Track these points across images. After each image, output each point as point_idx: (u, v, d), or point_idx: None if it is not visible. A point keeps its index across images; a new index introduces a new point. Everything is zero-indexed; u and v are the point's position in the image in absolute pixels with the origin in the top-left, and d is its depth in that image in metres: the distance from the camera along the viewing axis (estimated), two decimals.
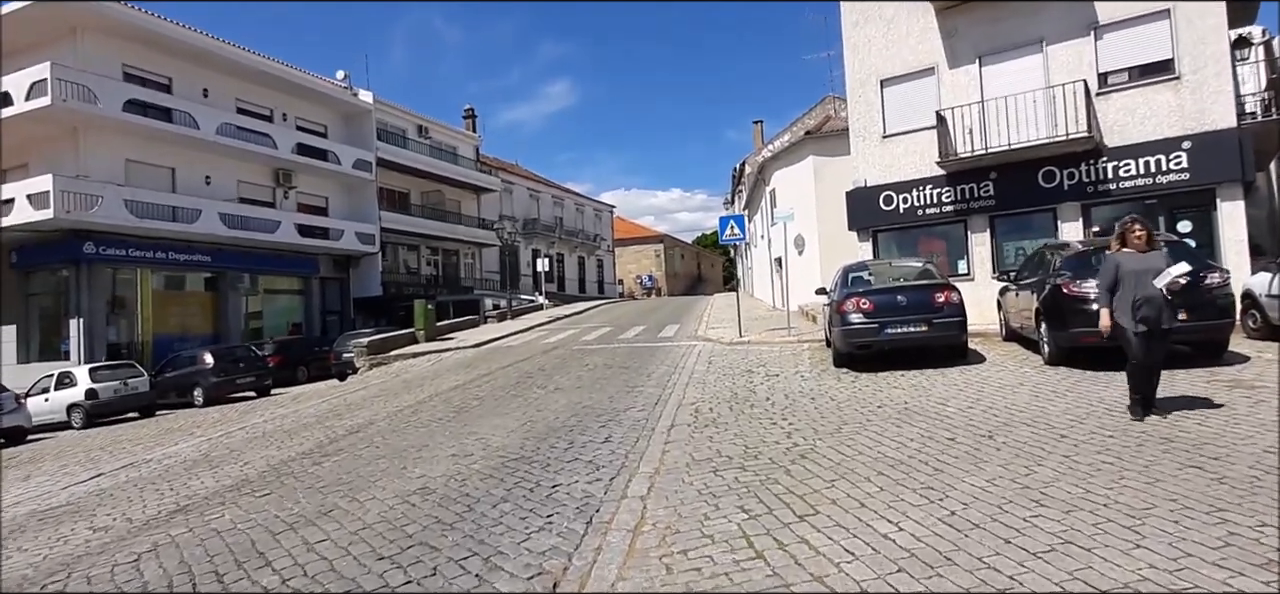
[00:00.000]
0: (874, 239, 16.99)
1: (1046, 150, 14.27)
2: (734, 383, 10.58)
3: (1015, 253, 15.43)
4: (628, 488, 5.65)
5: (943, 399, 8.05)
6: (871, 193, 16.76)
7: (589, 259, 55.60)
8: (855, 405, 8.12)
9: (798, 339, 15.48)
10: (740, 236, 17.52)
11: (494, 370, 15.01)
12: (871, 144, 16.87)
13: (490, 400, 11.03)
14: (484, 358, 17.93)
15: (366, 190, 32.76)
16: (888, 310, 10.16)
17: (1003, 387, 8.47)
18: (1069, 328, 8.93)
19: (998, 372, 9.51)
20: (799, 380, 10.27)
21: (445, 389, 13.02)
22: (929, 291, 10.27)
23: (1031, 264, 11.21)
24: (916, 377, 9.62)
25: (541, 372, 13.92)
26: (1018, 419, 6.79)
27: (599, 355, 15.84)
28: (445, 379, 14.62)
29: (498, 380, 13.36)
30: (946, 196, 15.71)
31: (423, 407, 11.21)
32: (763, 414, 8.10)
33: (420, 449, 7.94)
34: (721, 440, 6.97)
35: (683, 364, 13.31)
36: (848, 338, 10.37)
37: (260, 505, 6.44)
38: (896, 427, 6.89)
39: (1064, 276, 9.15)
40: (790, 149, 25.06)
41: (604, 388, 11.16)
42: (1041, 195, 14.67)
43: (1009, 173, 14.91)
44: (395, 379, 16.23)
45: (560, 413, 9.28)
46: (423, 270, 37.83)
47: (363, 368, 19.80)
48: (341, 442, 9.06)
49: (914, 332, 10.03)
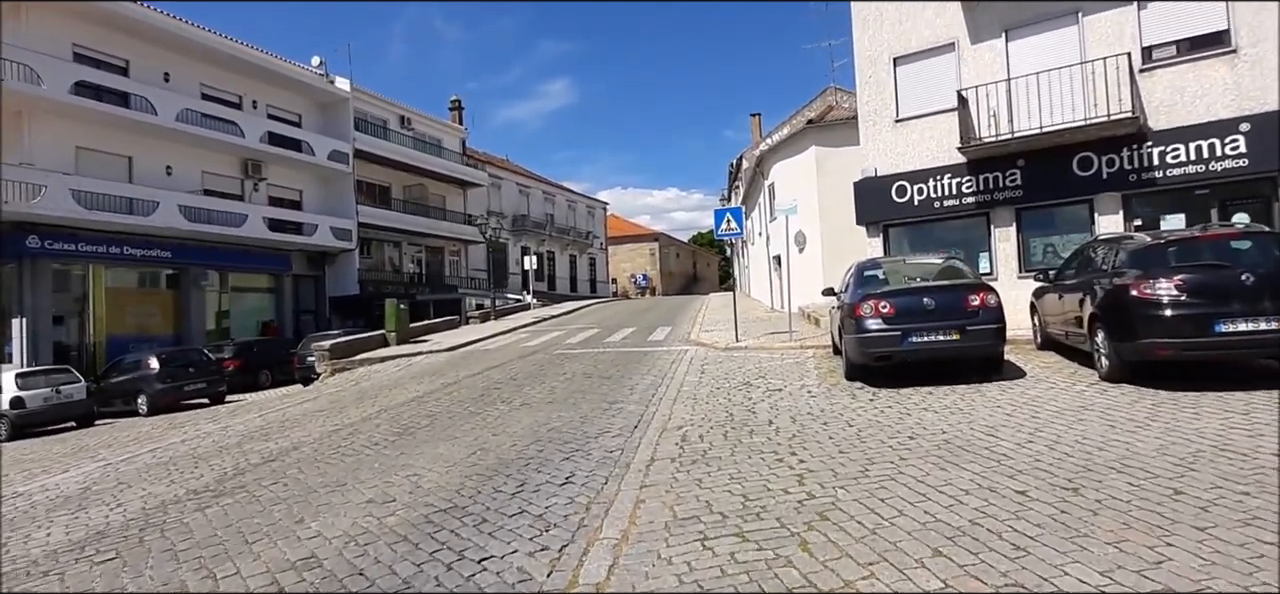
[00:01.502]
0: (885, 234, 15.38)
1: (1083, 134, 12.68)
2: (730, 399, 8.97)
3: (1043, 250, 13.84)
4: (580, 570, 4.03)
5: (990, 427, 6.44)
6: (882, 183, 15.15)
7: (581, 257, 53.91)
8: (880, 434, 6.51)
9: (800, 344, 13.89)
10: (737, 231, 15.91)
11: (461, 379, 13.39)
12: (883, 129, 15.27)
13: (444, 419, 9.40)
14: (455, 364, 16.30)
15: (343, 183, 31.04)
16: (912, 315, 8.54)
17: (1061, 410, 6.86)
18: (1137, 337, 7.32)
19: (1047, 390, 7.90)
20: (806, 397, 8.67)
21: (399, 402, 11.38)
22: (961, 293, 8.66)
23: (1077, 261, 9.61)
24: (948, 394, 8.02)
25: (512, 381, 12.31)
26: (1100, 461, 5.18)
27: (580, 361, 14.23)
28: (405, 389, 12.98)
29: (461, 391, 11.74)
30: (967, 187, 14.11)
31: (364, 426, 9.57)
32: (765, 444, 6.49)
33: (333, 491, 6.31)
34: (713, 486, 5.36)
35: (672, 374, 11.71)
36: (864, 347, 8.75)
37: (89, 578, 4.80)
38: (940, 469, 5.28)
39: (1130, 275, 7.55)
40: (791, 140, 23.46)
41: (579, 403, 9.54)
42: (1076, 185, 13.08)
43: (1039, 160, 13.31)
44: (352, 388, 14.58)
45: (520, 438, 7.66)
46: (405, 268, 36.11)
47: (324, 374, 18.14)
48: (248, 475, 7.40)
49: (943, 341, 8.42)
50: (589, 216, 56.25)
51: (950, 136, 14.11)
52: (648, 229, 70.50)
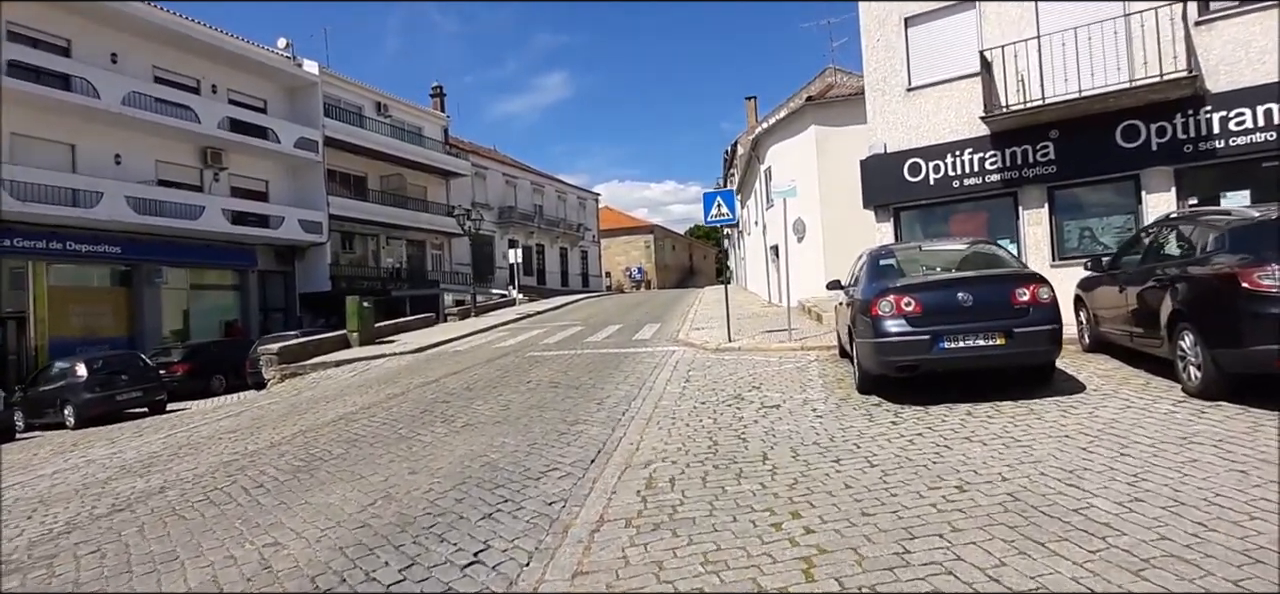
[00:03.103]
0: (896, 219, 13.60)
1: (1128, 98, 10.89)
2: (716, 419, 7.22)
3: (1079, 235, 12.08)
4: None
5: (1068, 472, 4.67)
6: (893, 161, 13.36)
7: (572, 250, 52.05)
8: (914, 480, 4.75)
9: (801, 345, 12.14)
10: (729, 217, 14.13)
11: (411, 389, 11.63)
12: (893, 100, 13.47)
13: (365, 445, 7.64)
14: (416, 368, 14.54)
15: (312, 173, 29.17)
16: (945, 313, 6.77)
17: (1156, 444, 5.10)
18: (1245, 343, 5.56)
19: (1123, 410, 6.13)
20: (810, 417, 6.91)
21: (327, 420, 9.62)
22: (1006, 285, 6.88)
23: (1142, 245, 7.85)
24: (992, 415, 6.25)
25: (467, 392, 10.55)
26: (1258, 538, 3.43)
27: (551, 366, 12.48)
28: (345, 401, 11.23)
29: (405, 405, 9.97)
30: (991, 162, 12.33)
31: (266, 455, 7.80)
32: (756, 496, 4.74)
33: (152, 569, 4.54)
34: (679, 574, 3.60)
35: (652, 382, 9.96)
36: (883, 354, 6.98)
37: None
38: (1020, 554, 3.52)
39: (1232, 261, 5.78)
40: (788, 119, 21.63)
41: (533, 424, 7.79)
42: (1120, 158, 11.29)
43: (1075, 130, 11.53)
44: (290, 399, 12.81)
45: (443, 478, 5.91)
46: (383, 262, 34.28)
47: (272, 380, 16.36)
48: (71, 536, 5.63)
49: (984, 346, 6.64)
50: (580, 208, 54.37)
51: (971, 105, 12.33)
52: (642, 221, 68.61)
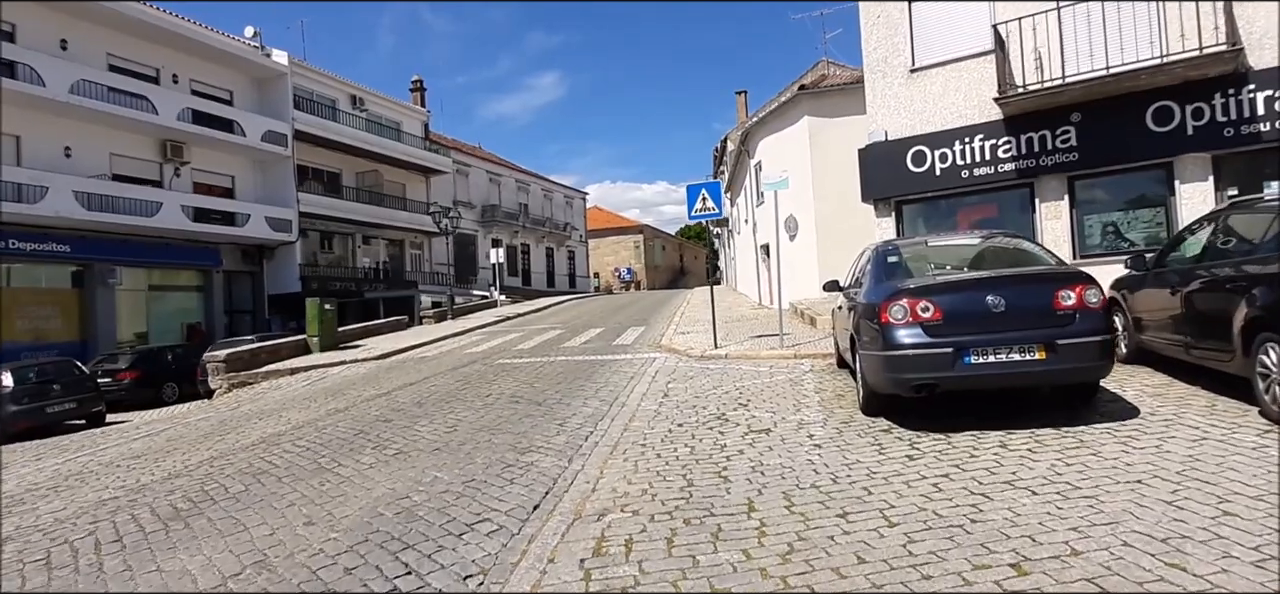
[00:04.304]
0: (897, 213, 12.40)
1: (1161, 76, 9.71)
2: (693, 448, 5.97)
3: (1102, 230, 10.90)
4: None
5: (1164, 543, 3.43)
6: (894, 150, 12.15)
7: (558, 250, 50.70)
8: (949, 554, 3.51)
9: (794, 352, 10.92)
10: (715, 211, 12.87)
11: (357, 402, 10.34)
12: (894, 82, 12.26)
13: (271, 481, 6.35)
14: (372, 378, 13.25)
15: (281, 168, 27.75)
16: (971, 321, 5.53)
17: (1266, 495, 3.87)
18: None
19: (1203, 445, 4.89)
20: (807, 447, 5.67)
21: (247, 444, 8.32)
22: (1047, 286, 5.63)
23: (1195, 239, 6.64)
24: (1033, 449, 5.02)
25: (416, 407, 9.27)
26: None
27: (518, 376, 11.21)
28: (279, 418, 9.93)
29: (340, 424, 8.68)
30: (1005, 150, 11.12)
31: (144, 496, 6.50)
32: (738, 570, 3.49)
33: None
34: None
35: (626, 397, 8.71)
36: (895, 370, 5.72)
37: None
38: None
39: None
40: (780, 110, 20.41)
41: (477, 452, 6.53)
42: (1150, 144, 10.11)
43: (1100, 112, 10.34)
44: (227, 414, 11.48)
45: (341, 533, 4.65)
46: (359, 262, 32.88)
47: (220, 389, 15.02)
48: None
49: (1020, 361, 5.40)
50: (567, 207, 53.04)
51: (982, 87, 11.14)
52: (632, 221, 67.32)
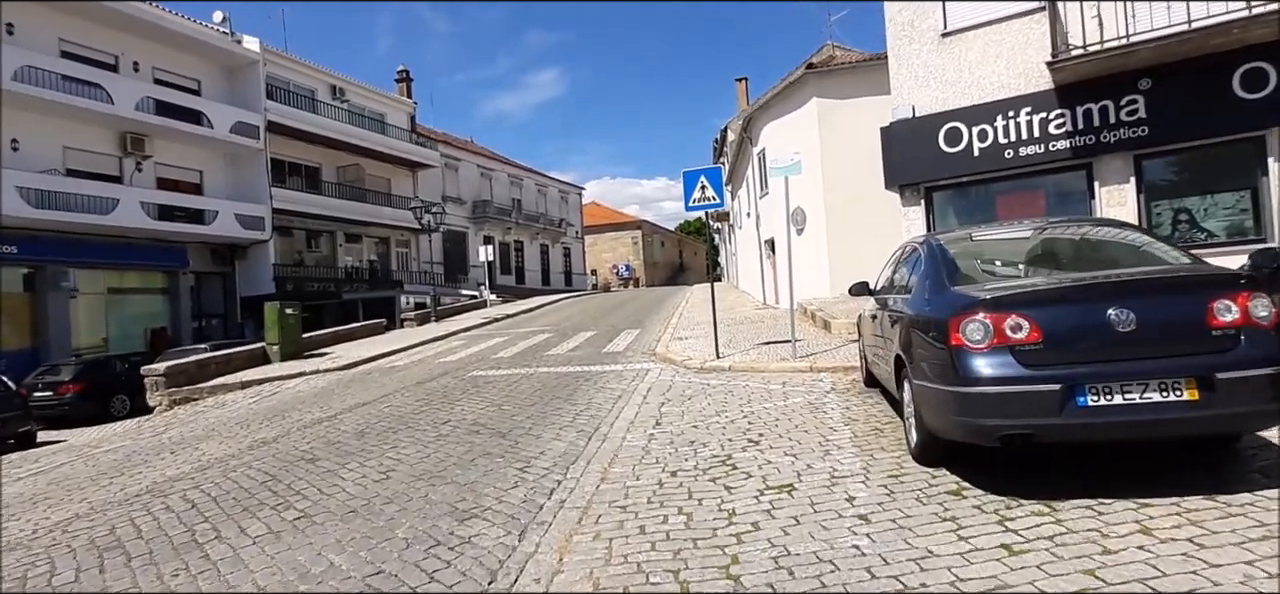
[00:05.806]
0: (927, 201, 10.73)
1: (1251, 32, 8.06)
2: (690, 516, 4.32)
3: (1173, 219, 9.23)
4: None
5: None
6: (923, 127, 10.49)
7: (554, 247, 49.02)
8: None
9: (809, 365, 9.27)
10: (716, 201, 11.24)
11: (290, 431, 8.70)
12: (923, 48, 10.58)
13: (116, 562, 4.72)
14: (326, 394, 11.62)
15: (253, 161, 26.10)
16: (1086, 344, 3.85)
17: None
18: None
19: None
20: (849, 519, 4.01)
21: (130, 494, 6.68)
22: (1196, 296, 3.94)
23: None
24: (1193, 532, 3.37)
25: (355, 439, 7.64)
26: None
27: (488, 394, 9.57)
28: (191, 452, 8.29)
29: (253, 467, 7.03)
30: (1057, 125, 9.46)
31: None
32: None
33: None
34: None
35: (609, 426, 7.09)
36: (975, 413, 4.00)
37: None
38: None
39: None
40: (786, 92, 18.74)
41: (402, 516, 4.90)
42: (1236, 115, 8.47)
43: (1173, 77, 8.69)
44: (144, 441, 9.80)
45: None
46: (341, 261, 31.22)
47: (159, 406, 13.37)
48: None
49: (1163, 404, 3.72)
50: (563, 203, 51.35)
51: (1029, 51, 9.48)
52: (630, 217, 65.65)
